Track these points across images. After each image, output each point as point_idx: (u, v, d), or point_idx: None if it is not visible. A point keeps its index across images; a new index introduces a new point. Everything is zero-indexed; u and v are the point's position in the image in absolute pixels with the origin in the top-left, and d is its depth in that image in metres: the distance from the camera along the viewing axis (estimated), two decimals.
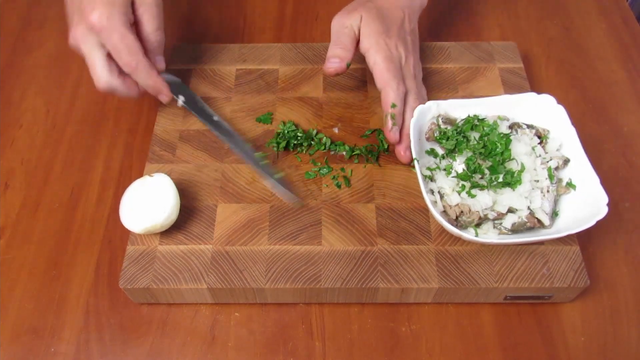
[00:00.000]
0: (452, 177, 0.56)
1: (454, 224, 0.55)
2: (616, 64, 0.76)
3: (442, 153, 0.59)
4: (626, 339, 0.54)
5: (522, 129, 0.59)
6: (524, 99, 0.61)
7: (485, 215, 0.55)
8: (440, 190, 0.57)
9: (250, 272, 0.55)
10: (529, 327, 0.55)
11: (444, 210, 0.56)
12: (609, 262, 0.59)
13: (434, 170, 0.58)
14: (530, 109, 0.61)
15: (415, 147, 0.58)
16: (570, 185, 0.57)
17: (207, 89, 0.69)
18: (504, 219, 0.55)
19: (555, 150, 0.59)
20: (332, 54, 0.61)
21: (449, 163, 0.58)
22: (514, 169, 0.56)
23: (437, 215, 0.53)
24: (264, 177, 0.60)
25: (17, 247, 0.61)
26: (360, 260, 0.55)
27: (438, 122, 0.60)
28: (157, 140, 0.65)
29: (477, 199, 0.55)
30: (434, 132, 0.60)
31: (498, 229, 0.55)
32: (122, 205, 0.56)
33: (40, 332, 0.55)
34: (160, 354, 0.54)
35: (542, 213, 0.55)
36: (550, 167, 0.57)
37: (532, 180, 0.56)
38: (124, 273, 0.55)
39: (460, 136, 0.58)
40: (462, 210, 0.55)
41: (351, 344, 0.54)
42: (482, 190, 0.55)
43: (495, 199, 0.55)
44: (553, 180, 0.56)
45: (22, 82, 0.76)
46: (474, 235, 0.54)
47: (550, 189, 0.56)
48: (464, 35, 0.80)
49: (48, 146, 0.69)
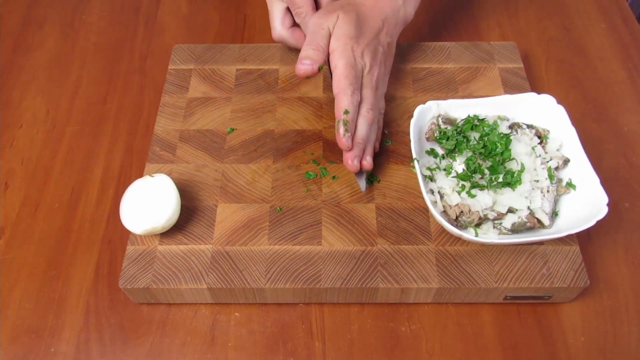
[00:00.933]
0: (452, 177, 0.56)
1: (454, 224, 0.55)
2: (616, 64, 0.76)
3: (442, 153, 0.59)
4: (626, 339, 0.54)
5: (522, 129, 0.59)
6: (524, 99, 0.61)
7: (485, 215, 0.55)
8: (440, 190, 0.57)
9: (250, 272, 0.55)
10: (529, 327, 0.55)
11: (444, 210, 0.56)
12: (609, 262, 0.59)
13: (434, 170, 0.58)
14: (530, 109, 0.61)
15: (416, 147, 0.58)
16: (570, 185, 0.57)
17: (207, 89, 0.69)
18: (504, 219, 0.55)
19: (555, 150, 0.59)
20: (304, 55, 0.58)
21: (449, 163, 0.58)
22: (514, 169, 0.56)
23: (437, 216, 0.53)
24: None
25: (17, 247, 0.61)
26: (360, 260, 0.55)
27: (438, 122, 0.60)
28: (157, 140, 0.65)
29: (477, 199, 0.55)
30: (434, 132, 0.60)
31: (498, 229, 0.55)
32: (122, 205, 0.55)
33: (40, 332, 0.55)
34: (160, 354, 0.54)
35: (542, 213, 0.55)
36: (550, 167, 0.57)
37: (532, 180, 0.56)
38: (124, 273, 0.55)
39: (460, 136, 0.58)
40: (462, 210, 0.55)
41: (351, 344, 0.54)
42: (482, 190, 0.55)
43: (495, 199, 0.55)
44: (553, 181, 0.56)
45: (22, 82, 0.76)
46: (474, 235, 0.54)
47: (550, 189, 0.56)
48: (464, 35, 0.80)
49: (48, 146, 0.69)
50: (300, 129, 0.66)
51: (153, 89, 0.74)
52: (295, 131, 0.65)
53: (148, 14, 0.84)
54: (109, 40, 0.81)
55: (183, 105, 0.68)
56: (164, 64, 0.75)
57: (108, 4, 0.85)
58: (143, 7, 0.85)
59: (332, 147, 0.64)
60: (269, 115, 0.67)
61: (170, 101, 0.68)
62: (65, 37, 0.81)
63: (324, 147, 0.64)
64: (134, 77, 0.76)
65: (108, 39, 0.81)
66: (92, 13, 0.84)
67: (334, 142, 0.64)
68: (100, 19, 0.83)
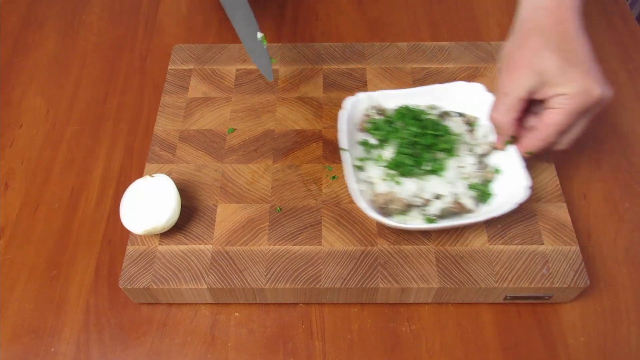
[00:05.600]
0: (380, 166, 0.58)
1: (382, 212, 0.56)
2: (616, 64, 0.76)
3: (374, 143, 0.60)
4: (626, 339, 0.54)
5: (451, 117, 0.61)
6: (456, 87, 0.63)
7: (413, 202, 0.55)
8: (369, 179, 0.58)
9: (250, 272, 0.55)
10: (529, 327, 0.55)
11: (373, 199, 0.57)
12: (609, 262, 0.59)
13: (365, 160, 0.59)
14: (462, 98, 0.62)
15: (347, 138, 0.59)
16: (496, 171, 0.58)
17: (207, 89, 0.69)
18: (431, 206, 0.56)
19: (483, 137, 0.60)
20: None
21: (379, 153, 0.59)
22: (439, 157, 0.57)
23: (361, 204, 0.54)
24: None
25: (17, 247, 0.61)
26: (360, 260, 0.55)
27: (370, 113, 0.61)
28: (157, 140, 0.65)
29: (402, 186, 0.56)
30: (367, 123, 0.61)
31: (425, 215, 0.56)
32: (122, 205, 0.55)
33: (40, 332, 0.55)
34: (160, 354, 0.54)
35: (466, 198, 0.56)
36: (477, 153, 0.58)
37: (457, 167, 0.57)
38: (124, 273, 0.55)
39: (389, 126, 0.59)
40: (389, 198, 0.55)
41: (351, 344, 0.54)
42: (409, 178, 0.56)
43: (421, 186, 0.56)
44: (479, 166, 0.57)
45: (22, 82, 0.76)
46: (400, 222, 0.55)
47: (476, 175, 0.57)
48: (464, 35, 0.80)
49: (48, 146, 0.69)
50: (300, 129, 0.66)
51: (153, 89, 0.74)
52: (295, 131, 0.65)
53: (148, 14, 0.84)
54: (109, 40, 0.80)
55: (183, 105, 0.68)
56: (164, 64, 0.75)
57: (108, 4, 0.85)
58: (143, 7, 0.85)
59: (332, 147, 0.64)
60: (269, 115, 0.67)
61: (170, 101, 0.68)
62: (65, 37, 0.81)
63: (324, 147, 0.64)
64: (134, 77, 0.76)
65: (108, 39, 0.81)
66: (92, 13, 0.84)
67: (334, 142, 0.64)
68: (100, 19, 0.83)
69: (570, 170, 0.65)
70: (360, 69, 0.71)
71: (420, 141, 0.57)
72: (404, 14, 0.83)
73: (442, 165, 0.57)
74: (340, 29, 0.81)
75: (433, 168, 0.56)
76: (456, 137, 0.59)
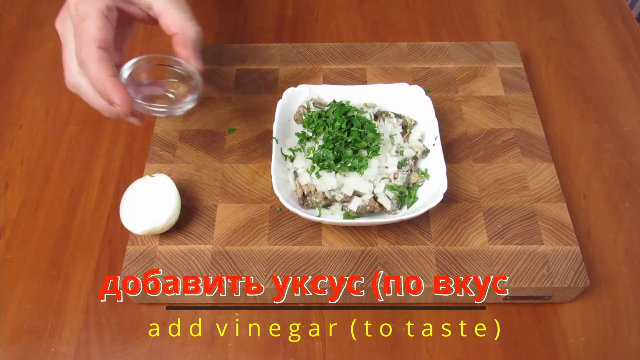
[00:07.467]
0: (307, 158, 0.58)
1: (301, 202, 0.57)
2: (616, 64, 0.76)
3: (310, 135, 0.61)
4: (626, 339, 0.54)
5: (389, 117, 0.61)
6: (397, 88, 0.63)
7: (333, 196, 0.56)
8: (295, 170, 0.58)
9: (250, 272, 0.55)
10: (529, 327, 0.55)
11: (296, 189, 0.57)
12: (609, 262, 0.59)
13: (296, 151, 0.60)
14: (403, 99, 0.63)
15: (280, 128, 0.60)
16: (424, 174, 0.59)
17: (207, 89, 0.69)
18: (351, 202, 0.56)
19: (417, 140, 0.60)
20: None
21: (312, 146, 0.59)
22: (363, 155, 0.57)
23: (277, 192, 0.54)
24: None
25: (17, 247, 0.61)
26: (360, 260, 0.55)
27: (309, 106, 0.62)
28: (157, 140, 0.65)
29: (322, 180, 0.56)
30: (302, 115, 0.62)
31: (345, 211, 0.56)
32: (122, 205, 0.55)
33: (40, 332, 0.55)
34: (160, 354, 0.54)
35: (384, 198, 0.56)
36: (407, 155, 0.59)
37: (380, 166, 0.57)
38: (124, 273, 0.55)
39: (321, 120, 0.60)
40: (310, 190, 0.56)
41: (351, 344, 0.54)
42: (330, 172, 0.57)
43: (341, 182, 0.56)
44: (402, 168, 0.58)
45: (22, 82, 0.76)
46: (316, 216, 0.55)
47: (398, 176, 0.57)
48: (464, 35, 0.80)
49: (48, 146, 0.69)
50: None
51: None
52: None
53: None
54: None
55: None
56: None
57: None
58: None
59: None
60: (269, 115, 0.67)
61: None
62: None
63: None
64: None
65: None
66: None
67: None
68: None
69: (570, 170, 0.65)
70: (360, 69, 0.71)
71: (343, 137, 0.58)
72: (404, 14, 0.83)
73: (364, 163, 0.57)
74: (340, 29, 0.81)
75: (354, 165, 0.57)
76: (381, 136, 0.58)
